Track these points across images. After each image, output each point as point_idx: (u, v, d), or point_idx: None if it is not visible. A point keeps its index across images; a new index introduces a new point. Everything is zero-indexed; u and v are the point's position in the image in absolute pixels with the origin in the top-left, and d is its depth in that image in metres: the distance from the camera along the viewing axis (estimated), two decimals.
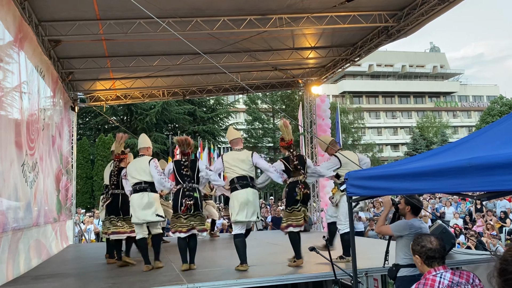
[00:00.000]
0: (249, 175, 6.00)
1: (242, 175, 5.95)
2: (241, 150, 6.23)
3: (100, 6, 7.70)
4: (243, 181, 5.93)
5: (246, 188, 5.91)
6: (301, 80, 13.46)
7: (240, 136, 6.52)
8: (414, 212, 4.53)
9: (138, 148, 6.88)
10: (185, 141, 6.30)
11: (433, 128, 53.20)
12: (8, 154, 5.99)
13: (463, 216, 14.61)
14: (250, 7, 8.36)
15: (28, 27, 7.30)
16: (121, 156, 7.25)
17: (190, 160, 6.24)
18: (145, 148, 6.77)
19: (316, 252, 4.30)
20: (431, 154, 3.58)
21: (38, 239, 7.77)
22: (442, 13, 8.50)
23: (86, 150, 28.27)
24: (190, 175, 6.09)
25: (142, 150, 6.74)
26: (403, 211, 4.58)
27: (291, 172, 6.03)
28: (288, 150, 6.18)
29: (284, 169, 6.10)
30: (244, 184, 5.92)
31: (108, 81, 12.16)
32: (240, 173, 5.96)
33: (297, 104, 30.12)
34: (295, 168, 5.99)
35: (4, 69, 5.93)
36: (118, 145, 7.33)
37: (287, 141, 6.24)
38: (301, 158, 6.19)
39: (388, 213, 4.84)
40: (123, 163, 7.20)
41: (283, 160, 6.17)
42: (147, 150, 6.77)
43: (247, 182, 5.94)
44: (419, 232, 4.19)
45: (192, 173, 6.12)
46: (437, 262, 3.01)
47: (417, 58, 62.98)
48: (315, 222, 12.70)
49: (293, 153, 6.13)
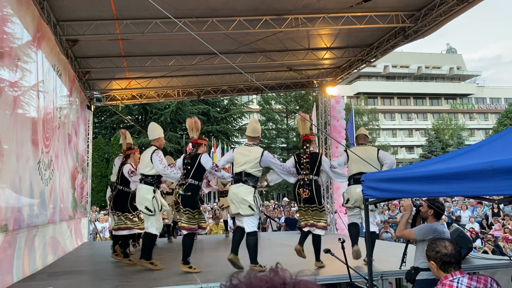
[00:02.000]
0: (247, 171, 5.85)
1: (239, 172, 5.88)
2: (251, 146, 6.08)
3: (117, 6, 7.76)
4: (238, 176, 5.88)
5: (237, 183, 5.86)
6: (316, 81, 13.40)
7: (259, 134, 6.35)
8: (436, 216, 4.45)
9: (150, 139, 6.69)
10: (194, 124, 6.20)
11: (449, 130, 52.55)
12: (24, 152, 6.06)
13: (479, 220, 14.39)
14: (266, 7, 8.34)
15: (47, 27, 7.38)
16: (127, 152, 7.30)
17: (193, 154, 6.07)
18: (155, 140, 6.54)
19: (331, 254, 4.26)
20: (449, 156, 3.53)
21: (53, 236, 7.86)
22: (460, 14, 8.37)
23: (102, 148, 28.56)
24: (188, 168, 5.94)
25: (153, 142, 6.54)
26: (425, 214, 4.51)
27: (299, 169, 6.03)
28: (304, 144, 6.19)
29: (294, 165, 6.11)
30: (236, 179, 5.89)
31: (124, 80, 12.25)
32: (239, 169, 5.89)
33: (311, 104, 30.03)
34: (303, 166, 5.97)
35: (22, 68, 6.00)
36: (123, 141, 7.43)
37: (303, 135, 6.24)
38: (314, 156, 6.11)
39: (409, 217, 4.76)
40: (131, 158, 7.23)
41: (295, 155, 6.17)
42: (158, 141, 6.53)
43: (240, 177, 5.85)
44: (441, 236, 4.13)
45: (189, 167, 5.94)
46: (453, 267, 2.95)
47: (433, 59, 62.28)
48: (329, 223, 12.62)
49: (306, 150, 6.10)
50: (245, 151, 6.01)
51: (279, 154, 38.99)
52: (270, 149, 38.07)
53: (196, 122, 6.26)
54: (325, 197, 13.11)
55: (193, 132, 6.19)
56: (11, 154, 5.45)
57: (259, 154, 5.94)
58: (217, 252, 8.27)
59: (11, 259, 5.51)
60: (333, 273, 5.47)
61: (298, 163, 6.10)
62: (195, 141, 6.19)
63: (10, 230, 5.37)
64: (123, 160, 7.30)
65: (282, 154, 39.15)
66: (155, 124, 6.85)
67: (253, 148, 6.05)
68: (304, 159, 6.02)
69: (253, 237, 5.83)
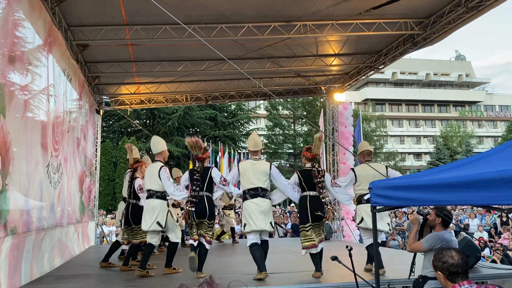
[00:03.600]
0: (262, 186, 5.87)
1: (254, 187, 5.85)
2: (258, 160, 6.09)
3: (128, 12, 7.84)
4: (254, 191, 5.84)
5: (256, 198, 5.81)
6: (324, 87, 13.40)
7: (261, 146, 6.34)
8: (444, 224, 4.42)
9: (153, 153, 6.69)
10: (196, 144, 6.12)
11: (458, 138, 52.21)
12: (34, 155, 6.11)
13: (488, 229, 14.25)
14: (275, 13, 8.38)
15: (58, 32, 7.47)
16: (134, 166, 7.30)
17: (204, 167, 6.09)
18: (159, 154, 6.55)
19: (338, 262, 4.24)
20: (458, 164, 3.51)
21: (61, 240, 7.90)
22: (469, 21, 8.35)
23: (109, 152, 28.69)
24: (200, 181, 5.96)
25: (157, 156, 6.55)
26: (432, 222, 4.48)
27: (305, 187, 5.94)
28: (311, 162, 6.11)
29: (299, 182, 6.01)
30: (253, 194, 5.83)
31: (132, 85, 12.34)
32: (251, 185, 5.86)
33: (318, 110, 30.00)
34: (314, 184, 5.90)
35: (32, 72, 6.06)
36: (129, 155, 7.43)
37: (313, 154, 6.15)
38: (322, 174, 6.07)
39: (417, 230, 4.71)
40: (138, 172, 7.24)
41: (299, 173, 6.07)
42: (161, 154, 6.55)
43: (257, 192, 5.83)
44: (449, 245, 4.11)
45: (202, 180, 5.98)
46: (461, 277, 2.92)
47: (441, 66, 62.03)
48: (335, 230, 12.57)
49: (317, 167, 6.04)
50: (254, 166, 5.97)
51: (286, 160, 38.95)
52: (277, 155, 38.05)
53: (198, 141, 6.17)
54: (331, 204, 13.05)
55: (196, 150, 6.13)
56: (20, 158, 5.51)
57: (268, 167, 5.97)
58: (222, 258, 8.27)
59: (19, 261, 5.55)
60: (340, 281, 5.44)
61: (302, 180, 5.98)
62: (201, 158, 6.15)
63: (19, 233, 5.41)
64: (131, 174, 7.31)
65: (289, 159, 39.10)
66: (158, 138, 6.84)
67: (260, 162, 6.07)
68: (318, 177, 5.93)
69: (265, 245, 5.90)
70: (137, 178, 7.15)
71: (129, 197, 7.22)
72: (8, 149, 5.00)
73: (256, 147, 6.20)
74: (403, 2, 7.81)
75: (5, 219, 4.94)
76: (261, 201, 5.81)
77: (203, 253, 5.95)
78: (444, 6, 8.36)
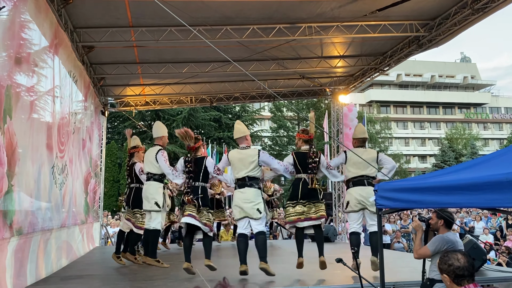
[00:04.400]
0: (250, 175, 5.80)
1: (242, 177, 5.82)
2: (245, 149, 6.01)
3: (133, 14, 7.87)
4: (241, 181, 5.82)
5: (243, 188, 5.80)
6: (329, 89, 13.39)
7: (246, 133, 6.19)
8: (447, 226, 4.41)
9: (153, 137, 6.87)
10: (186, 134, 6.13)
11: (463, 140, 51.95)
12: (39, 156, 6.14)
13: (493, 231, 14.17)
14: (280, 15, 8.38)
15: (64, 34, 7.50)
16: (131, 151, 7.46)
17: (196, 157, 6.07)
18: (159, 138, 6.74)
19: (343, 264, 4.23)
20: (464, 167, 3.49)
21: (66, 240, 7.93)
22: (475, 23, 8.33)
23: (114, 154, 28.78)
24: (193, 172, 5.95)
25: (157, 140, 6.72)
26: (435, 225, 4.46)
27: (300, 169, 5.96)
28: (308, 144, 6.10)
29: (293, 163, 6.01)
30: (240, 184, 5.82)
31: (138, 86, 12.38)
32: (240, 174, 5.83)
33: (323, 112, 29.98)
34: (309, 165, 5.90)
35: (38, 74, 6.10)
36: (128, 141, 7.60)
37: (310, 135, 6.14)
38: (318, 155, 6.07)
39: (421, 236, 4.69)
40: (135, 157, 7.37)
41: (294, 154, 6.07)
42: (161, 139, 6.72)
43: (244, 182, 5.80)
44: (454, 246, 4.09)
45: (196, 170, 5.97)
46: (467, 280, 2.91)
47: (447, 68, 61.81)
48: (340, 232, 12.55)
49: (313, 148, 6.06)
50: (240, 155, 5.93)
51: None
52: (281, 156, 38.01)
53: (187, 131, 6.18)
54: (337, 206, 13.05)
55: (187, 140, 6.14)
56: (26, 159, 5.53)
57: (255, 154, 5.88)
58: (226, 259, 8.27)
59: (25, 262, 5.57)
60: (345, 283, 5.43)
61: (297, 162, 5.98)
62: (193, 147, 6.14)
63: (24, 234, 5.44)
64: (129, 159, 7.46)
65: None
66: (160, 123, 7.07)
67: (247, 150, 5.99)
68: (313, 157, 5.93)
69: (263, 236, 5.84)
70: (136, 163, 7.30)
71: (131, 181, 7.33)
72: (14, 150, 5.03)
73: (240, 134, 6.10)
74: (409, 4, 7.78)
75: (11, 219, 4.96)
76: (246, 190, 5.78)
77: (207, 242, 6.03)
78: (450, 7, 8.33)
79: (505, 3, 7.42)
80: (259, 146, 39.61)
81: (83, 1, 7.32)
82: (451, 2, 8.21)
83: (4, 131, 4.73)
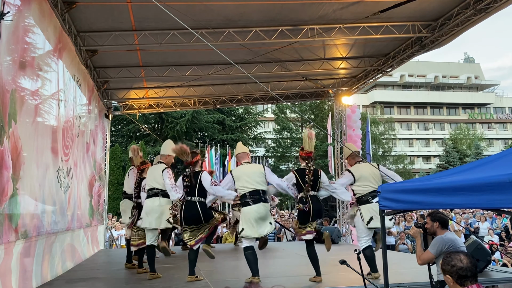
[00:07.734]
0: (261, 188, 5.83)
1: (255, 189, 5.79)
2: (249, 164, 6.10)
3: (136, 18, 7.91)
4: (256, 195, 5.77)
5: (258, 203, 5.75)
6: (332, 90, 13.39)
7: (247, 150, 6.37)
8: (444, 226, 4.42)
9: (160, 154, 6.91)
10: (181, 150, 6.17)
11: (467, 140, 51.76)
12: (44, 160, 6.17)
13: (498, 232, 14.11)
14: (282, 18, 8.40)
15: (68, 38, 7.55)
16: (142, 167, 7.41)
17: (194, 171, 6.07)
18: (164, 156, 6.77)
19: (347, 266, 4.23)
20: (467, 168, 3.49)
21: (71, 243, 7.96)
22: (477, 23, 8.31)
23: (118, 156, 28.83)
24: (191, 186, 5.94)
25: (162, 158, 6.76)
26: (432, 229, 4.46)
27: (302, 186, 5.91)
28: (305, 161, 6.10)
29: (296, 182, 6.00)
30: (256, 199, 5.76)
31: (141, 90, 12.43)
32: (252, 187, 5.80)
33: (326, 114, 29.98)
34: (307, 183, 5.87)
35: (42, 78, 6.13)
36: (136, 157, 7.51)
37: (306, 152, 6.14)
38: (316, 173, 6.01)
39: (421, 242, 4.66)
40: (144, 173, 7.30)
41: (296, 172, 6.05)
42: (166, 158, 6.74)
43: (259, 196, 5.78)
44: (455, 244, 4.09)
45: (193, 184, 5.95)
46: (470, 280, 2.90)
47: (450, 68, 61.67)
48: (344, 234, 12.53)
49: (310, 166, 6.01)
50: (249, 168, 5.96)
51: (294, 163, 38.89)
52: (284, 158, 38.02)
53: (182, 147, 6.22)
54: (341, 207, 13.03)
55: (184, 156, 6.17)
56: (31, 162, 5.57)
57: (261, 167, 5.98)
58: (231, 261, 8.28)
59: (30, 265, 5.60)
60: (349, 285, 5.43)
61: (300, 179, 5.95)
62: (192, 162, 6.16)
63: (29, 237, 5.47)
64: (139, 174, 7.38)
65: (296, 163, 39.01)
66: (171, 142, 7.04)
67: (253, 164, 6.10)
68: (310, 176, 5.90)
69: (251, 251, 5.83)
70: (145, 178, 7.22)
71: (137, 197, 7.28)
72: (19, 154, 5.06)
73: (242, 149, 6.28)
74: (411, 5, 7.79)
75: (16, 223, 4.99)
76: (261, 206, 5.76)
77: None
78: (452, 8, 8.33)
79: (508, 3, 7.41)
80: (263, 148, 39.64)
81: (86, 6, 7.38)
82: (454, 2, 8.21)
83: (9, 135, 4.76)
